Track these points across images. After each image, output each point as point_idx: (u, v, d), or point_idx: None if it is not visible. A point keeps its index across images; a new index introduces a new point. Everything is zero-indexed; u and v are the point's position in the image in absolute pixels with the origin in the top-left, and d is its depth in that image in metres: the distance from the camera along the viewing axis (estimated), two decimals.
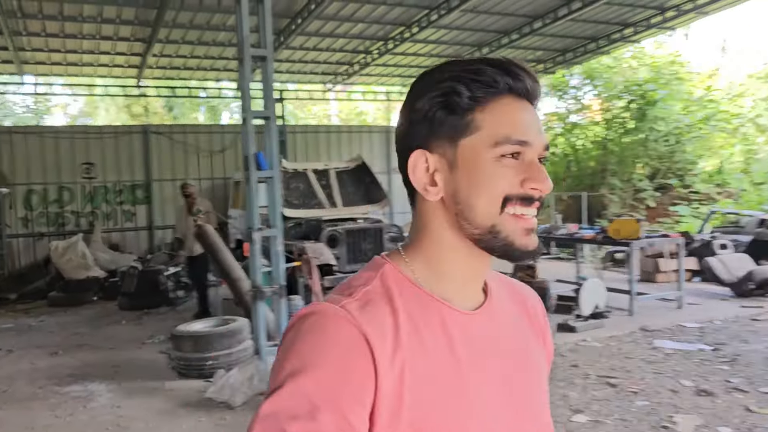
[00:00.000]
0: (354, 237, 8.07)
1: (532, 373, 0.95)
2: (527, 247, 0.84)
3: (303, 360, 0.76)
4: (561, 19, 10.98)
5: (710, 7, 10.83)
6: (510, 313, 0.97)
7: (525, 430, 0.90)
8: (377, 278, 0.86)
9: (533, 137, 0.83)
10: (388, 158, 17.05)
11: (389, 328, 0.81)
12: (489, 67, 0.83)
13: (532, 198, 0.83)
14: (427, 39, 12.62)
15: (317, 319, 0.79)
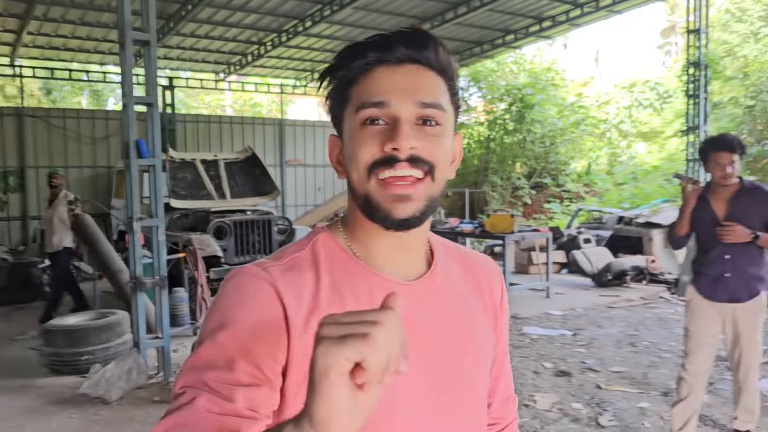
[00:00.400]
0: (242, 229, 8.04)
1: (470, 348, 0.95)
2: (393, 213, 0.83)
3: (222, 316, 0.81)
4: (448, 21, 11.46)
5: (582, 19, 11.72)
6: (456, 287, 0.98)
7: (448, 402, 0.91)
8: (309, 246, 0.90)
9: (393, 96, 0.83)
10: (281, 150, 17.01)
11: (308, 291, 0.84)
12: (365, 45, 0.86)
13: (392, 158, 0.81)
14: (321, 34, 12.72)
15: (239, 279, 0.84)
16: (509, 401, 1.13)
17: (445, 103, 0.86)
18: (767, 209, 3.36)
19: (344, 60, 0.87)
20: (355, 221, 0.90)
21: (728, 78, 13.88)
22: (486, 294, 1.03)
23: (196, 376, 0.76)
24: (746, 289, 3.43)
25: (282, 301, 0.81)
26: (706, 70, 9.87)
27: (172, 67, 15.32)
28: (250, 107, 26.06)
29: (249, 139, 16.14)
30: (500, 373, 1.09)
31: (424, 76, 0.86)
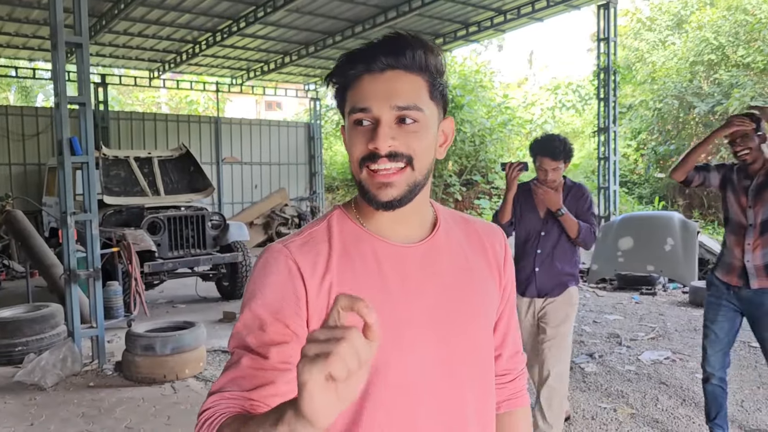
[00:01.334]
0: (176, 224, 8.24)
1: (473, 302, 1.08)
2: (378, 197, 0.98)
3: (254, 289, 0.99)
4: (379, 25, 11.91)
5: (505, 25, 12.38)
6: (459, 248, 1.11)
7: (453, 351, 1.04)
8: (326, 220, 1.07)
9: (373, 103, 0.97)
10: (217, 148, 17.09)
11: (322, 259, 1.00)
12: (351, 57, 1.00)
13: (374, 155, 0.96)
14: (256, 34, 12.95)
15: (266, 257, 1.02)
16: (518, 355, 1.26)
17: (422, 102, 0.98)
18: (581, 203, 3.50)
19: (340, 68, 1.01)
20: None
21: (639, 82, 14.89)
22: (490, 254, 1.15)
23: (239, 339, 0.97)
24: (555, 283, 3.50)
25: (300, 270, 0.98)
26: (615, 76, 10.67)
27: (105, 64, 15.21)
28: (186, 105, 25.86)
29: (185, 137, 16.17)
30: (508, 329, 1.22)
31: (401, 81, 0.98)
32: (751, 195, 3.31)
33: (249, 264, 8.62)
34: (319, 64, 15.95)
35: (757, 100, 12.45)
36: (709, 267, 9.12)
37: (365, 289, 0.98)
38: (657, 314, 7.28)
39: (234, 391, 0.91)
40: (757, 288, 3.27)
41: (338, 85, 1.03)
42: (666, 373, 5.13)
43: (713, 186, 3.49)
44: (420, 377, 1.00)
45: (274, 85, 18.69)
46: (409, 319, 1.00)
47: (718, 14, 14.69)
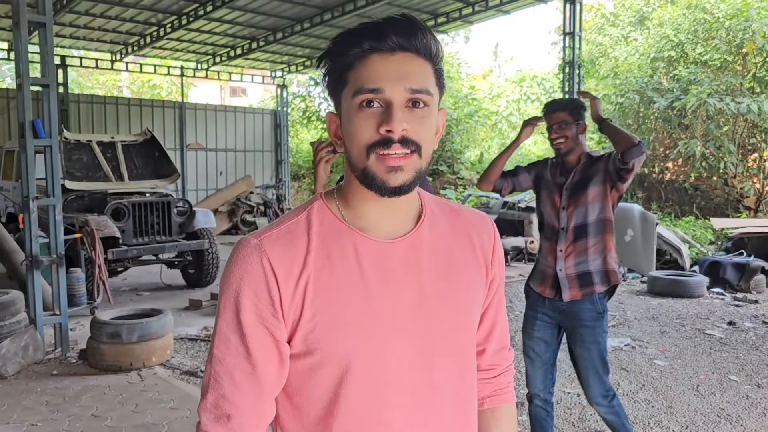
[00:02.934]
0: (140, 210, 8.11)
1: (456, 296, 1.04)
2: (388, 182, 0.93)
3: (230, 285, 0.96)
4: (348, 13, 11.89)
5: (474, 17, 12.51)
6: (444, 240, 1.06)
7: (432, 348, 1.01)
8: (305, 212, 1.01)
9: (387, 83, 0.91)
10: (182, 133, 16.84)
11: (300, 255, 0.96)
12: (360, 33, 0.94)
13: (388, 140, 0.91)
14: (222, 18, 12.79)
15: (240, 253, 0.97)
16: (505, 350, 1.21)
17: (431, 87, 0.95)
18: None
19: (341, 46, 0.95)
20: (350, 189, 1.00)
21: (602, 77, 15.20)
22: (477, 247, 1.09)
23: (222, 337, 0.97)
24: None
25: (274, 271, 0.94)
26: (580, 70, 10.86)
27: (65, 45, 14.82)
28: (149, 89, 25.36)
29: (147, 122, 15.89)
30: (494, 323, 1.17)
31: (413, 63, 0.94)
32: (566, 194, 2.93)
33: (215, 251, 8.56)
34: (286, 51, 15.83)
35: (713, 96, 12.84)
36: (666, 257, 9.44)
37: (344, 289, 0.95)
38: (617, 303, 7.49)
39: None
40: (569, 300, 2.89)
41: (336, 65, 0.96)
42: (626, 359, 5.30)
43: (525, 188, 3.17)
44: (396, 375, 0.98)
45: (240, 71, 18.46)
46: (389, 319, 0.97)
47: (678, 12, 15.06)
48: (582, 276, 2.87)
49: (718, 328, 6.34)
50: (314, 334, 0.94)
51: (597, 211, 2.88)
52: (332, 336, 0.94)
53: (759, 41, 12.58)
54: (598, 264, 2.87)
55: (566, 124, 2.90)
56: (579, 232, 2.88)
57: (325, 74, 0.99)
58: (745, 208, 13.63)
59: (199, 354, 5.61)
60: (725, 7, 13.57)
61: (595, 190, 2.86)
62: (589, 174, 2.88)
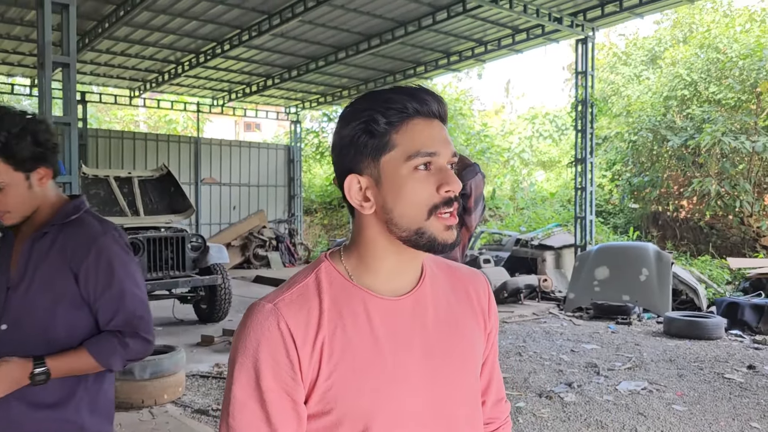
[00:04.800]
0: (155, 245, 8.15)
1: (462, 347, 1.07)
2: (447, 241, 0.97)
3: (246, 351, 0.96)
4: (362, 52, 12.10)
5: (486, 56, 12.67)
6: (444, 296, 1.09)
7: (445, 401, 1.04)
8: (313, 274, 1.02)
9: (440, 148, 0.97)
10: (197, 168, 17.03)
11: (314, 317, 0.97)
12: (399, 96, 0.97)
13: (450, 200, 0.96)
14: (239, 57, 13.04)
15: (255, 316, 0.97)
16: (502, 402, 1.25)
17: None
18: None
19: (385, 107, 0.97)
20: (369, 248, 1.02)
21: (615, 115, 15.26)
22: (474, 301, 1.13)
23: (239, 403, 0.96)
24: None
25: (292, 335, 0.95)
26: (592, 108, 10.93)
27: (85, 81, 15.14)
28: (165, 124, 25.75)
29: (163, 156, 16.10)
30: (492, 375, 1.21)
31: (444, 129, 1.01)
32: None
33: (228, 287, 8.56)
34: (300, 88, 16.07)
35: (727, 135, 12.83)
36: (682, 297, 9.32)
37: (357, 347, 0.97)
38: (633, 344, 7.38)
39: None
40: None
41: (377, 126, 0.96)
42: (643, 404, 5.20)
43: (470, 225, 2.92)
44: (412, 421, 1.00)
45: (254, 106, 18.74)
46: (400, 376, 0.99)
47: (690, 51, 15.16)
48: None
49: (738, 372, 6.21)
50: (331, 393, 0.96)
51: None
52: (349, 395, 0.96)
53: None
54: None
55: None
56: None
57: (355, 137, 0.98)
58: (762, 248, 13.47)
59: (211, 392, 5.57)
60: (738, 47, 13.65)
61: None
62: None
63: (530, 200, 17.63)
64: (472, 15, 10.49)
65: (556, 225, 12.99)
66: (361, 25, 11.15)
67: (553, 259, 11.30)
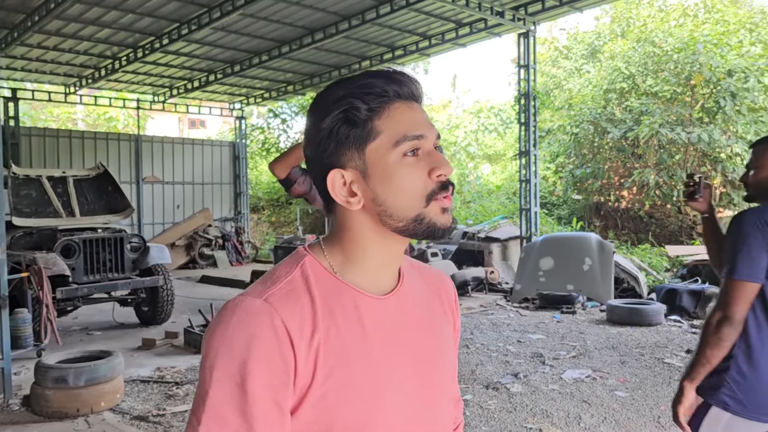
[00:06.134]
0: (92, 247, 7.86)
1: (440, 347, 1.05)
2: (445, 224, 0.93)
3: (231, 354, 0.84)
4: (306, 46, 11.95)
5: (430, 50, 12.71)
6: (421, 295, 1.06)
7: (431, 397, 1.01)
8: (298, 268, 0.94)
9: (425, 130, 0.92)
10: (138, 166, 16.55)
11: (308, 314, 0.89)
12: (376, 79, 0.92)
13: (446, 184, 0.92)
14: (179, 51, 12.70)
15: (240, 313, 0.86)
16: (459, 402, 1.22)
17: None
18: None
19: (363, 91, 0.91)
20: (355, 243, 0.96)
21: (557, 108, 15.55)
22: (444, 300, 1.12)
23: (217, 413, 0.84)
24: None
25: (288, 332, 0.86)
26: (535, 101, 11.08)
27: (16, 78, 14.49)
28: (104, 122, 24.93)
29: (102, 155, 15.58)
30: (454, 374, 1.16)
31: (425, 112, 0.96)
32: None
33: (170, 288, 8.33)
34: (244, 83, 15.79)
35: (664, 126, 13.23)
36: (623, 285, 9.56)
37: (352, 350, 0.91)
38: (577, 333, 7.52)
39: None
40: None
41: (357, 115, 0.90)
42: (587, 391, 5.29)
43: (317, 203, 2.81)
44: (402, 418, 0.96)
45: (198, 103, 18.31)
46: (394, 380, 0.95)
47: (628, 45, 15.56)
48: None
49: (677, 357, 6.40)
50: (327, 400, 0.89)
51: None
52: (346, 402, 0.90)
53: (706, 74, 13.05)
54: None
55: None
56: None
57: (335, 128, 0.91)
58: (699, 235, 13.96)
59: (151, 397, 5.38)
60: (673, 41, 14.08)
61: None
62: None
63: (477, 193, 17.80)
64: (416, 9, 10.48)
65: (502, 217, 13.14)
66: (304, 18, 11.00)
67: (499, 251, 11.43)
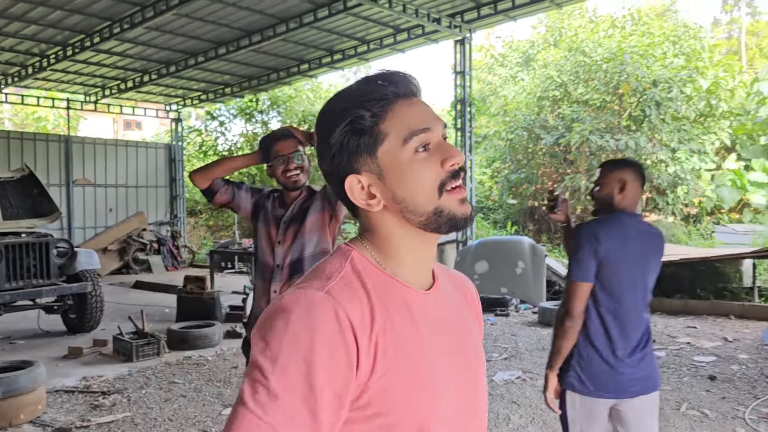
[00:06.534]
0: (14, 252, 7.53)
1: (474, 343, 1.07)
2: (465, 214, 0.95)
3: (299, 344, 0.83)
4: (243, 48, 11.80)
5: (369, 55, 12.78)
6: (453, 295, 1.08)
7: (474, 389, 1.04)
8: (348, 263, 0.94)
9: (431, 123, 0.94)
10: (68, 169, 15.95)
11: (366, 307, 0.89)
12: (374, 85, 0.94)
13: (456, 172, 0.94)
14: (112, 50, 12.34)
15: (303, 307, 0.85)
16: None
17: None
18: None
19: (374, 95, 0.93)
20: (389, 241, 0.97)
21: (493, 114, 15.93)
22: (470, 302, 1.14)
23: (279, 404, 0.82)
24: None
25: (352, 325, 0.86)
26: (471, 108, 11.30)
27: None
28: (33, 121, 23.94)
29: (30, 156, 14.95)
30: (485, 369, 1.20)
31: (427, 105, 0.98)
32: (283, 227, 2.68)
33: (99, 294, 8.07)
34: (181, 84, 15.47)
35: (594, 133, 13.72)
36: (555, 288, 9.85)
37: (407, 345, 0.91)
38: (510, 335, 7.70)
39: None
40: None
41: (362, 123, 0.92)
42: (517, 392, 5.42)
43: (243, 209, 2.82)
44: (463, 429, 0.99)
45: (132, 103, 17.81)
46: (443, 368, 0.96)
47: (560, 54, 16.08)
48: None
49: None
50: (386, 394, 0.89)
51: (314, 243, 2.65)
52: (404, 396, 0.90)
53: (633, 83, 13.62)
54: None
55: (301, 155, 2.67)
56: (295, 268, 2.61)
57: (344, 141, 0.93)
58: None
59: (76, 408, 5.20)
60: (602, 51, 14.64)
61: (312, 220, 2.66)
62: (308, 206, 2.70)
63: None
64: (354, 13, 10.53)
65: None
66: (241, 20, 10.87)
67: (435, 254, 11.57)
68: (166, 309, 9.55)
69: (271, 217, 2.72)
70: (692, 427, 4.48)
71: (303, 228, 2.64)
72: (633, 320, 2.39)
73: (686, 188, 14.17)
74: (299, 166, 2.65)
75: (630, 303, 2.38)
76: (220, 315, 8.25)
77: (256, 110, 19.65)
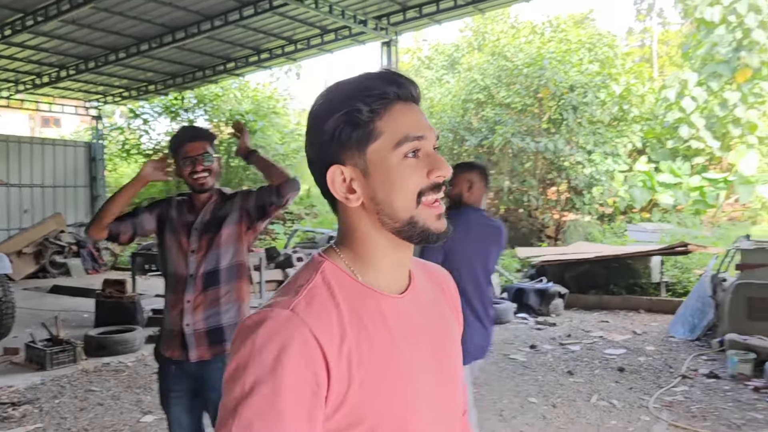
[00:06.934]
0: None
1: (451, 338, 1.07)
2: (440, 229, 0.94)
3: (264, 365, 0.82)
4: (166, 45, 11.54)
5: (296, 54, 12.78)
6: (430, 292, 1.07)
7: (450, 389, 1.04)
8: (318, 275, 0.93)
9: (426, 131, 0.93)
10: None
11: (335, 321, 0.88)
12: (376, 81, 0.93)
13: (439, 185, 0.93)
14: (25, 44, 11.80)
15: (268, 327, 0.84)
16: (465, 387, 1.24)
17: None
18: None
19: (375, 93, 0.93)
20: (367, 245, 0.96)
21: None
22: (448, 296, 1.14)
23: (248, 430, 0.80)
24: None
25: (319, 342, 0.84)
26: None
27: None
28: None
29: None
30: (461, 362, 1.19)
31: (423, 113, 0.97)
32: (195, 235, 2.52)
33: (11, 300, 7.70)
34: (101, 81, 14.95)
35: (516, 136, 14.19)
36: None
37: (382, 352, 0.91)
38: None
39: None
40: (196, 360, 2.44)
41: (358, 116, 0.91)
42: None
43: (149, 231, 2.64)
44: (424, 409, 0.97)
45: (50, 99, 17.04)
46: (417, 372, 0.95)
47: (484, 58, 16.52)
48: (212, 332, 2.45)
49: (521, 352, 6.86)
50: (364, 404, 0.88)
51: (231, 255, 2.52)
52: (383, 404, 0.90)
53: (552, 88, 14.16)
54: (231, 316, 2.49)
55: (210, 157, 2.54)
56: (209, 280, 2.48)
57: (337, 130, 0.92)
58: (547, 237, 15.10)
59: None
60: (523, 56, 15.14)
61: (228, 231, 2.51)
62: (223, 213, 2.54)
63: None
64: (280, 13, 10.48)
65: None
66: (163, 16, 10.62)
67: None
68: (85, 314, 9.22)
69: (179, 225, 2.55)
70: (601, 418, 4.72)
71: (219, 238, 2.50)
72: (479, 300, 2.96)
73: (601, 189, 14.83)
74: (207, 168, 2.52)
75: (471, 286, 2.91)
76: (141, 319, 8.05)
77: (181, 108, 19.20)
